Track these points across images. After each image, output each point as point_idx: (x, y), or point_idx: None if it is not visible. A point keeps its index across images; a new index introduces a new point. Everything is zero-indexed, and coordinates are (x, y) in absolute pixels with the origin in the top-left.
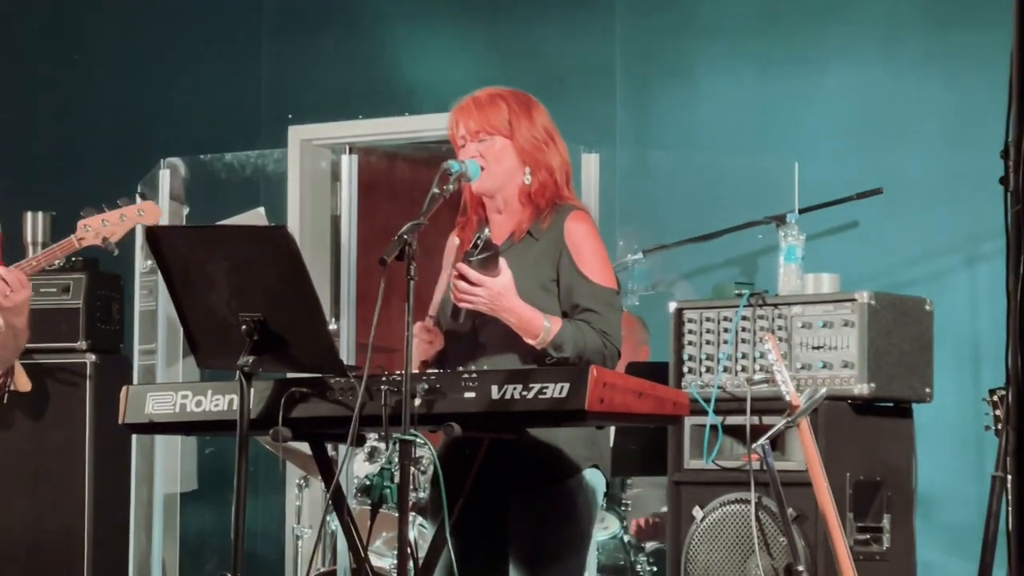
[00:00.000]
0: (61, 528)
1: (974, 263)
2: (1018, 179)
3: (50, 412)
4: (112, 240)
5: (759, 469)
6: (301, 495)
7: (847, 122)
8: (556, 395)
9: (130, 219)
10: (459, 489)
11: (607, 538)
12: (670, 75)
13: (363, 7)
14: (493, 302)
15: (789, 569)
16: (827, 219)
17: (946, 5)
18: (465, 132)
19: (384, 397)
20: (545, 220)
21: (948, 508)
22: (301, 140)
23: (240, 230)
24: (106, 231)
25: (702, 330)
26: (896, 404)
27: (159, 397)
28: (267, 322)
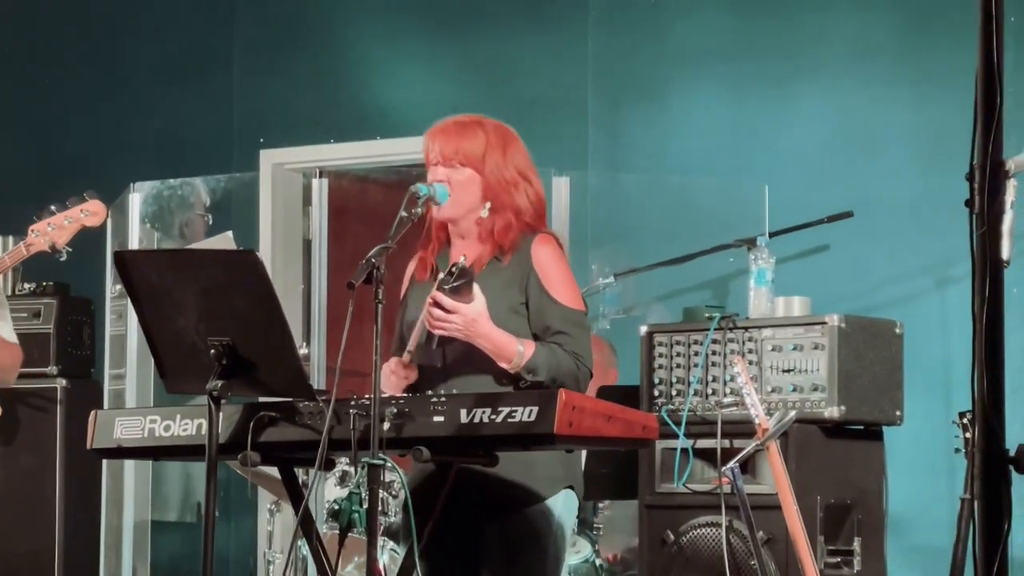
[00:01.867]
0: (31, 553)
1: (944, 286)
2: (983, 202)
3: (21, 437)
4: (59, 244)
5: (729, 492)
6: (273, 519)
7: (817, 145)
8: (525, 418)
9: (76, 221)
10: (429, 514)
11: (579, 562)
12: (642, 98)
13: (335, 31)
14: (467, 328)
15: None
16: (798, 242)
17: (915, 31)
18: (439, 153)
19: (353, 421)
20: (512, 247)
21: (919, 531)
22: (273, 164)
23: (208, 254)
24: (53, 235)
25: (672, 353)
26: (867, 427)
27: (127, 422)
28: (236, 346)
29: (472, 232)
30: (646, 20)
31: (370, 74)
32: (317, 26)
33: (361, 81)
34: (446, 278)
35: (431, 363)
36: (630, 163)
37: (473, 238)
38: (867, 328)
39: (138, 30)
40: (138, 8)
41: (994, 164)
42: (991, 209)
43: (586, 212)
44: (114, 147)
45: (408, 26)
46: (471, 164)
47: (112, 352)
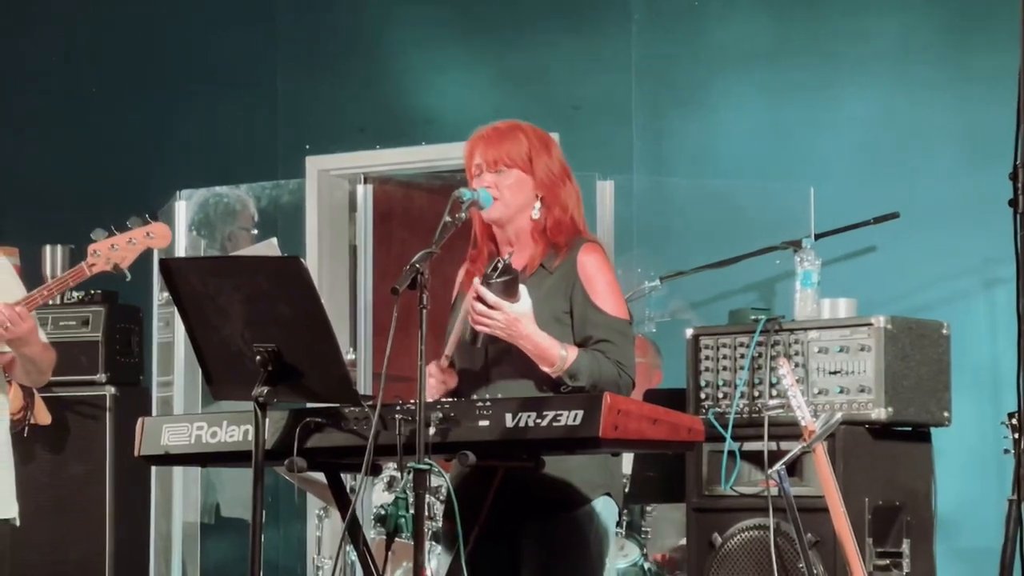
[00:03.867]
0: (82, 559)
1: (991, 286)
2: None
3: (70, 445)
4: (123, 265)
5: (776, 495)
6: (321, 525)
7: (861, 147)
8: (570, 422)
9: (140, 242)
10: (474, 518)
11: (627, 566)
12: (685, 102)
13: (379, 38)
14: (510, 328)
15: None
16: (843, 244)
17: (958, 31)
18: (482, 161)
19: (399, 426)
20: (560, 255)
21: (968, 532)
22: (318, 171)
23: (253, 261)
24: (116, 256)
25: (719, 356)
26: (914, 428)
27: (174, 429)
28: (281, 353)
29: (524, 233)
30: (687, 25)
31: (414, 81)
32: (361, 34)
33: (405, 88)
34: (490, 273)
35: (471, 366)
36: (674, 167)
37: (525, 240)
38: (913, 329)
39: (186, 41)
40: (185, 20)
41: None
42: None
43: (631, 216)
44: (161, 155)
45: (451, 33)
46: (518, 165)
47: (160, 359)
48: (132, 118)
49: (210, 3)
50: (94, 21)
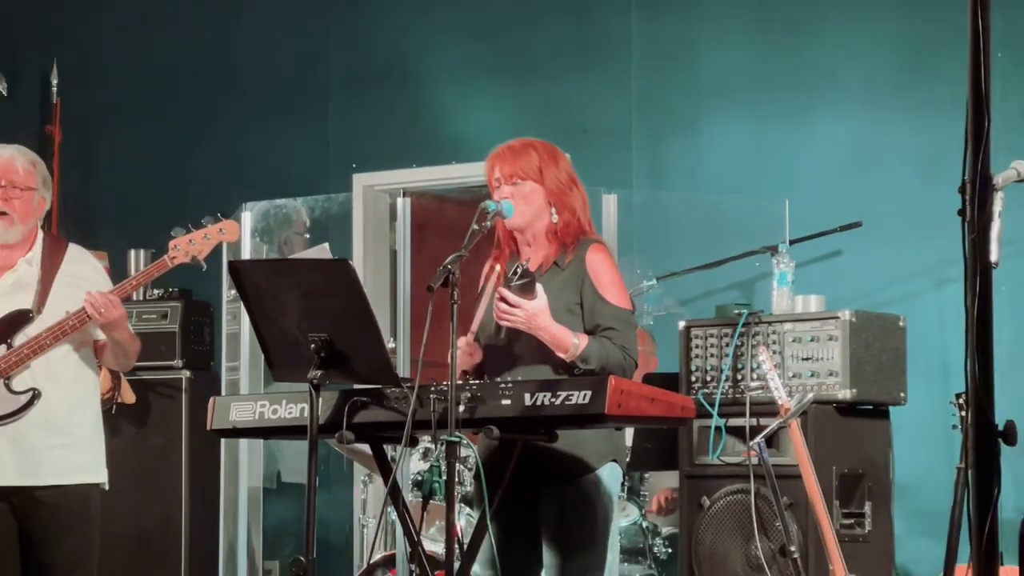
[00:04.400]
0: (161, 520)
1: (942, 285)
2: (974, 211)
3: (151, 420)
4: (200, 257)
5: (757, 464)
6: (366, 489)
7: (830, 165)
8: (580, 401)
9: (213, 237)
10: (498, 483)
11: (628, 524)
12: (678, 126)
13: (416, 70)
14: (530, 321)
15: (783, 550)
16: (814, 249)
17: (915, 66)
18: (500, 175)
19: (433, 404)
20: (569, 254)
21: (921, 496)
22: (363, 186)
23: (308, 263)
24: (194, 249)
25: (707, 345)
26: (875, 407)
27: (241, 406)
28: (332, 341)
29: (540, 235)
30: (679, 62)
31: (446, 108)
32: (401, 69)
33: (439, 114)
34: (511, 277)
35: (496, 353)
36: (668, 182)
37: (540, 241)
38: (874, 322)
39: (250, 71)
40: (249, 52)
41: (983, 179)
42: (981, 218)
43: (631, 224)
44: (228, 172)
45: (479, 68)
46: (530, 177)
47: (228, 347)
48: (204, 140)
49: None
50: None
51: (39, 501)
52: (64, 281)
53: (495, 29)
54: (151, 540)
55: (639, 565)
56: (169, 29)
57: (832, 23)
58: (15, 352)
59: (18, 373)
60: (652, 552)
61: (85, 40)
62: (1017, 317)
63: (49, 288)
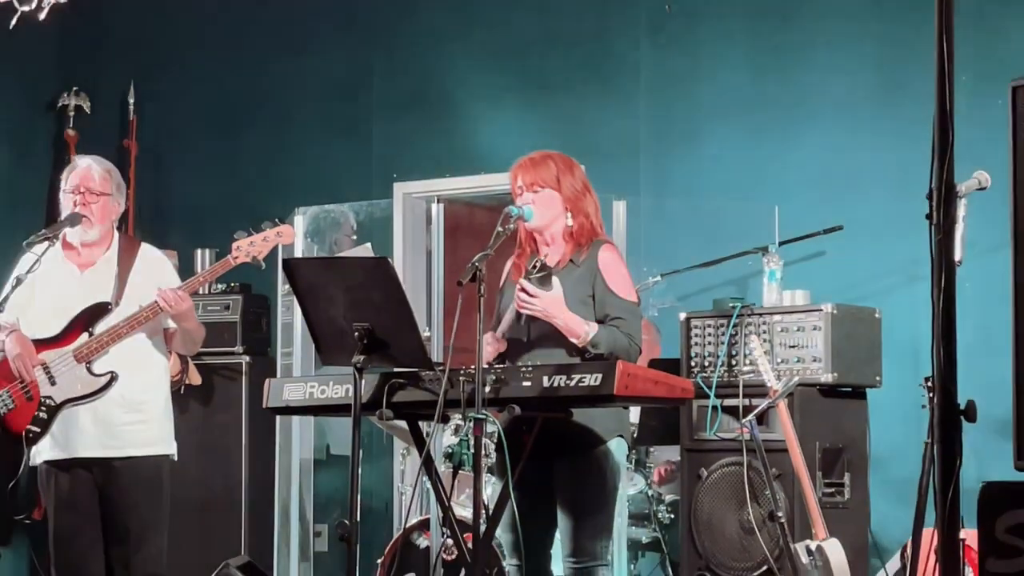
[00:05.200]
0: (224, 487)
1: (913, 281)
2: (940, 216)
3: (215, 400)
4: (259, 257)
5: (749, 439)
6: (403, 461)
7: (815, 175)
8: (592, 383)
9: (271, 239)
10: (519, 455)
11: (635, 492)
12: (680, 140)
13: (448, 93)
14: (547, 310)
15: (772, 515)
16: (800, 249)
17: (889, 89)
18: (522, 183)
19: (462, 386)
20: (583, 252)
21: (894, 467)
22: (403, 193)
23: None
24: (254, 250)
25: (704, 334)
26: (853, 388)
27: (293, 387)
28: (374, 330)
29: (556, 236)
30: (683, 82)
31: (476, 125)
32: (436, 90)
33: (469, 130)
34: (530, 271)
35: (518, 339)
36: (671, 189)
37: (557, 241)
38: (853, 314)
39: (304, 92)
40: (304, 76)
41: (948, 187)
42: (946, 222)
43: (639, 227)
44: (284, 180)
45: (505, 90)
46: (549, 185)
47: (283, 335)
48: (263, 152)
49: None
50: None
51: (117, 470)
52: (138, 277)
53: (519, 56)
54: (215, 505)
55: (645, 528)
56: (233, 55)
57: (815, 51)
58: (96, 339)
59: (99, 358)
60: (656, 517)
61: (159, 65)
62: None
63: (125, 283)
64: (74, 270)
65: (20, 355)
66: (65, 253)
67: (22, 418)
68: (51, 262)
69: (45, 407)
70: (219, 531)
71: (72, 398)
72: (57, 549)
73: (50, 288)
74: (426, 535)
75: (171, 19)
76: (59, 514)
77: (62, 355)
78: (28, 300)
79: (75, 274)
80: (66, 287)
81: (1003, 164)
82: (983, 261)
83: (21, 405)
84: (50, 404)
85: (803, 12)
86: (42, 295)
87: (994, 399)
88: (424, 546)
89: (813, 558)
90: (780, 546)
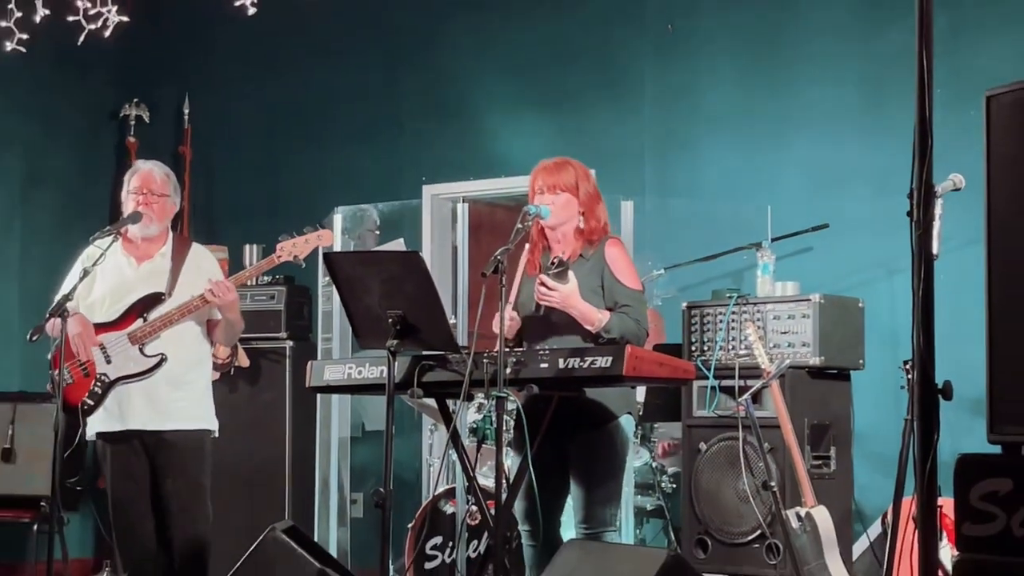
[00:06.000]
0: (269, 459)
1: (893, 274)
2: (920, 213)
3: (262, 380)
4: (300, 257)
5: (744, 416)
6: (432, 436)
7: (804, 178)
8: (603, 365)
9: (312, 242)
10: (537, 430)
11: (641, 464)
12: (682, 146)
13: (475, 103)
14: (564, 300)
15: (765, 485)
16: (791, 245)
17: (872, 99)
18: (543, 185)
19: (485, 367)
20: (592, 247)
21: (875, 442)
22: (431, 195)
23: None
24: (296, 251)
25: (704, 321)
26: (839, 371)
27: (333, 368)
28: (406, 316)
29: (569, 234)
30: (684, 94)
31: (496, 132)
32: (461, 100)
33: (490, 137)
34: (549, 266)
35: (537, 326)
36: (673, 191)
37: (569, 238)
38: (838, 303)
39: (341, 102)
40: (340, 87)
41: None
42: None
43: (644, 225)
44: (323, 182)
45: (523, 101)
46: (567, 190)
47: (323, 322)
48: (304, 157)
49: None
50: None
51: (165, 441)
52: (189, 271)
53: (536, 71)
54: (261, 476)
55: (649, 497)
56: (277, 69)
57: (803, 67)
58: (149, 325)
59: (150, 341)
60: (660, 487)
61: (210, 79)
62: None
63: (178, 276)
64: (132, 262)
65: (80, 335)
66: (125, 247)
67: (79, 391)
68: (112, 255)
69: (100, 383)
70: (265, 499)
71: (125, 376)
72: (116, 515)
73: (110, 278)
74: (452, 502)
75: (221, 38)
76: (116, 483)
77: (118, 337)
78: (89, 288)
79: (133, 266)
80: (125, 277)
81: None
82: (957, 255)
83: (79, 380)
84: (104, 380)
85: (792, 32)
86: (102, 283)
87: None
88: (450, 512)
89: (802, 523)
90: (772, 512)
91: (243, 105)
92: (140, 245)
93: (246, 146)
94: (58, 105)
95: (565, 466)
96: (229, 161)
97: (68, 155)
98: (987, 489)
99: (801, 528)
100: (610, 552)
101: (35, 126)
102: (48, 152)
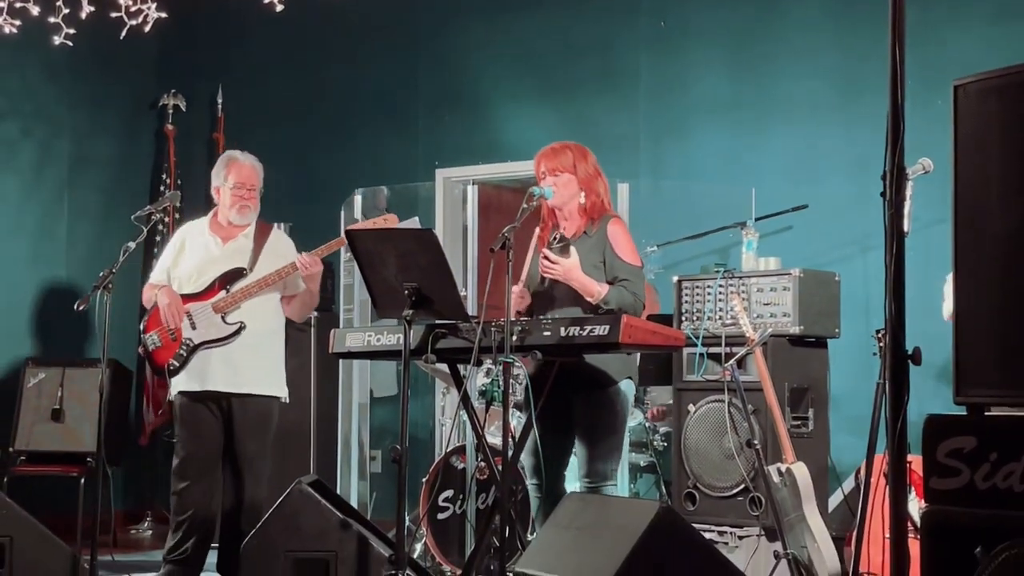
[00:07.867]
0: (296, 420)
1: (867, 250)
2: (892, 193)
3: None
4: None
5: (730, 380)
6: (444, 398)
7: (786, 163)
8: (601, 333)
9: (379, 224)
10: (541, 393)
11: (635, 424)
12: (674, 133)
13: (484, 92)
14: (566, 273)
15: (749, 443)
16: (773, 224)
17: (848, 91)
18: (544, 169)
19: (493, 335)
20: (595, 225)
21: (850, 405)
22: (444, 177)
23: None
24: None
25: (694, 293)
26: (817, 339)
27: (354, 336)
28: (421, 288)
29: (573, 212)
30: (676, 85)
31: (504, 120)
32: (471, 90)
33: (499, 125)
34: (552, 242)
35: (541, 298)
36: (666, 174)
37: (574, 216)
38: (817, 277)
39: (360, 91)
40: (360, 78)
41: (899, 170)
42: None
43: (639, 205)
44: (345, 166)
45: (529, 91)
46: (567, 171)
47: (345, 294)
48: (328, 143)
49: (378, 71)
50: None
51: (238, 403)
52: (269, 251)
53: (540, 63)
54: (289, 436)
55: (643, 454)
56: (301, 61)
57: (786, 59)
58: (231, 295)
59: (232, 311)
60: (652, 445)
61: (243, 69)
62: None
63: (259, 255)
64: (219, 241)
65: (169, 304)
66: (212, 228)
67: (166, 353)
68: (200, 234)
69: (185, 347)
70: (292, 455)
71: (207, 341)
72: (184, 469)
73: (198, 254)
74: (462, 459)
75: (251, 32)
76: (190, 440)
77: (203, 307)
78: (175, 262)
79: (219, 245)
80: (211, 254)
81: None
82: (924, 234)
83: (166, 343)
84: (189, 344)
85: (775, 27)
86: (190, 259)
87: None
88: (461, 468)
89: (783, 478)
90: (755, 468)
91: (272, 95)
92: (226, 227)
93: (274, 133)
94: (102, 95)
95: (570, 426)
96: (259, 146)
97: (111, 141)
98: (952, 446)
99: (781, 482)
100: (607, 504)
101: (82, 114)
102: (93, 138)
